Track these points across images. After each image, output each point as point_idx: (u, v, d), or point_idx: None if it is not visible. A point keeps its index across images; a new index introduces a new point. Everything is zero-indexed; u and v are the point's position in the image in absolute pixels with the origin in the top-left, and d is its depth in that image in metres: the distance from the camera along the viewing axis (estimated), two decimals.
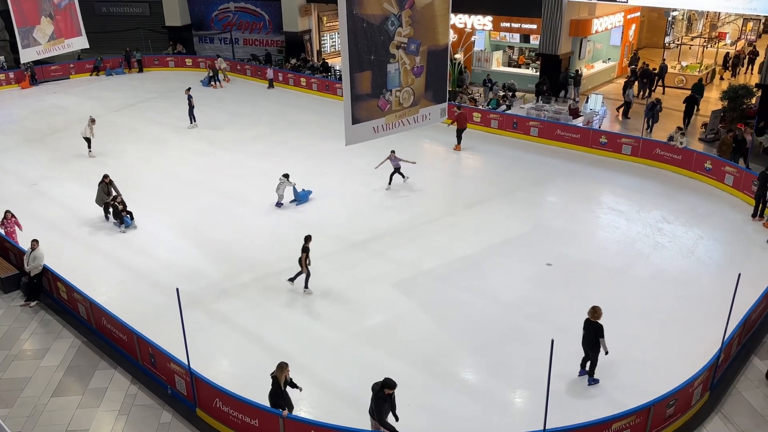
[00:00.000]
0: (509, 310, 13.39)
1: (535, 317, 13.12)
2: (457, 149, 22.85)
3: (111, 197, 17.17)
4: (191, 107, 25.26)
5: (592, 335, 10.90)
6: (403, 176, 19.41)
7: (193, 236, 16.73)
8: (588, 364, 11.24)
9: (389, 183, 19.30)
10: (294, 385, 10.02)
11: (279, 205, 18.19)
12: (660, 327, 12.78)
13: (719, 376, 11.31)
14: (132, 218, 17.10)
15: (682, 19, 34.39)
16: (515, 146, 23.00)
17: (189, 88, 25.93)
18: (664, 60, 29.95)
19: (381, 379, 9.42)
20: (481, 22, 30.34)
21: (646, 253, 15.61)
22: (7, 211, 15.10)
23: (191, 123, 25.46)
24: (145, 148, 23.32)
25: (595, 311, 10.92)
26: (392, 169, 19.21)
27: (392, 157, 19.18)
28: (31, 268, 13.84)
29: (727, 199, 18.41)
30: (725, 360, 11.40)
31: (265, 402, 9.93)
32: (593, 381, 11.21)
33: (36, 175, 20.92)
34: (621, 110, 25.76)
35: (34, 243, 13.88)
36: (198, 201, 18.77)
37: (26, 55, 24.49)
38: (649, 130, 22.59)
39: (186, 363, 10.50)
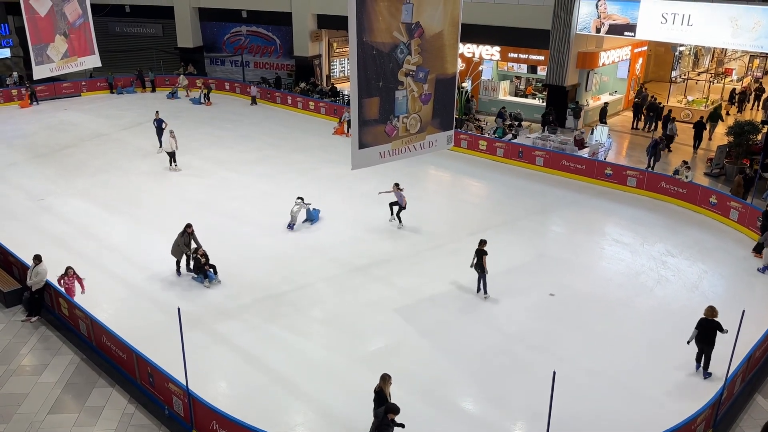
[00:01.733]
0: (511, 340, 13.30)
1: (537, 348, 13.03)
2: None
3: (193, 249, 15.33)
4: (161, 130, 24.52)
5: (709, 332, 11.95)
6: (395, 215, 18.47)
7: None
8: (703, 359, 12.19)
9: (395, 218, 18.53)
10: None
11: (291, 227, 18.20)
12: (662, 361, 12.66)
13: (722, 414, 11.16)
14: (216, 272, 15.35)
15: (689, 54, 34.67)
16: (520, 175, 23.06)
17: (157, 111, 25.42)
18: (647, 89, 30.27)
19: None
20: (489, 52, 30.66)
21: (649, 286, 15.54)
22: (68, 268, 13.79)
23: (161, 147, 24.61)
24: (152, 166, 23.46)
25: (712, 310, 12.07)
26: (395, 201, 18.36)
27: (395, 190, 18.25)
28: (33, 283, 13.85)
29: (732, 234, 18.36)
30: (728, 397, 11.27)
31: (261, 424, 9.84)
32: (708, 374, 12.11)
33: (43, 191, 21.05)
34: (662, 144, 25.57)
35: (37, 259, 13.91)
36: (202, 220, 18.76)
37: (39, 72, 24.78)
38: (651, 168, 22.62)
39: (184, 383, 10.44)
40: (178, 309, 10.10)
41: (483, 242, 14.63)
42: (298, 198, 18.26)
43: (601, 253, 17.35)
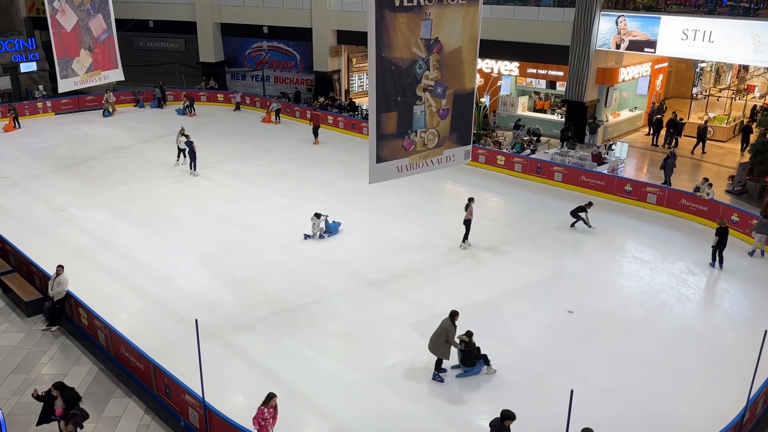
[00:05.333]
0: (528, 358, 13.18)
1: (554, 365, 12.89)
2: (315, 143, 28.39)
3: (465, 333, 12.71)
4: (193, 152, 23.90)
5: (725, 236, 16.56)
6: (466, 237, 18.01)
7: (213, 268, 16.86)
8: (718, 257, 16.88)
9: (466, 241, 18.02)
10: None
11: (306, 237, 18.41)
12: (683, 381, 12.46)
13: None
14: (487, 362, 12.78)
15: (711, 70, 34.40)
16: (539, 191, 22.96)
17: (183, 128, 24.73)
18: (661, 107, 29.83)
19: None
20: (508, 67, 30.71)
21: (670, 304, 15.34)
22: (272, 396, 10.16)
23: (192, 170, 24.07)
24: (173, 179, 23.73)
25: (724, 221, 16.83)
26: (467, 221, 17.91)
27: (470, 205, 17.78)
28: (55, 293, 14.02)
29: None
30: (750, 419, 11.05)
31: None
32: (722, 266, 16.85)
33: (65, 202, 21.36)
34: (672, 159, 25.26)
35: (59, 268, 14.10)
36: (221, 233, 18.97)
37: (64, 86, 25.29)
38: (666, 183, 22.40)
39: (201, 395, 10.47)
40: (196, 321, 10.16)
41: None
42: (314, 215, 18.38)
43: (621, 270, 17.17)
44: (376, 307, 15.08)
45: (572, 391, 8.41)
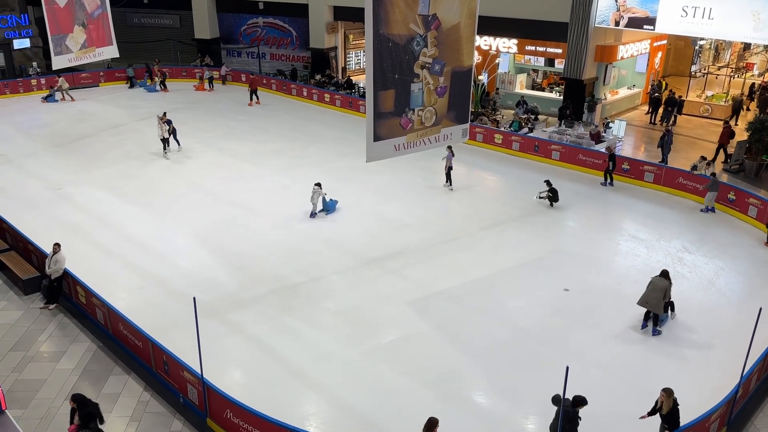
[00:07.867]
0: (524, 335, 13.28)
1: (550, 342, 13.00)
2: (251, 105, 30.96)
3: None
4: (174, 130, 23.85)
5: (613, 161, 20.34)
6: (449, 181, 20.98)
7: (211, 246, 16.88)
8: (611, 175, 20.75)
9: (448, 182, 21.04)
10: None
11: (313, 215, 18.45)
12: (677, 358, 12.59)
13: (737, 412, 11.09)
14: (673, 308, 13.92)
15: (710, 48, 34.19)
16: (536, 169, 22.91)
17: (165, 113, 24.33)
18: (662, 84, 29.71)
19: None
20: (506, 44, 30.46)
21: None
22: (434, 423, 9.31)
23: (178, 147, 24.07)
24: (169, 157, 23.61)
25: (610, 148, 20.65)
26: (447, 168, 20.82)
27: (449, 155, 20.72)
28: (52, 272, 14.03)
29: (750, 231, 18.15)
30: (744, 395, 11.19)
31: (274, 414, 9.92)
32: (612, 184, 20.45)
33: (61, 180, 21.28)
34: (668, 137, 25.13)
35: (56, 246, 14.09)
36: (217, 212, 18.95)
37: (58, 62, 25.00)
38: (663, 161, 22.40)
39: (199, 372, 10.55)
40: (194, 299, 10.20)
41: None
42: (315, 185, 18.35)
43: (617, 248, 17.23)
44: (373, 285, 15.14)
45: (567, 368, 8.50)
